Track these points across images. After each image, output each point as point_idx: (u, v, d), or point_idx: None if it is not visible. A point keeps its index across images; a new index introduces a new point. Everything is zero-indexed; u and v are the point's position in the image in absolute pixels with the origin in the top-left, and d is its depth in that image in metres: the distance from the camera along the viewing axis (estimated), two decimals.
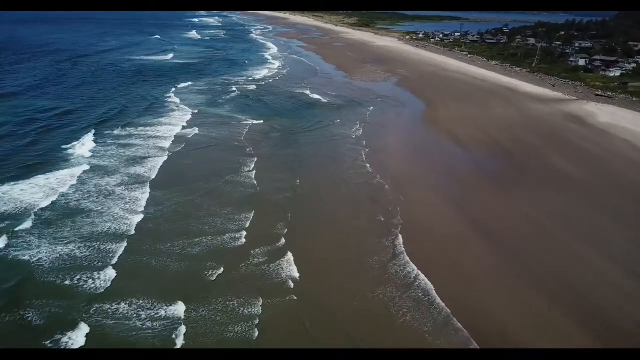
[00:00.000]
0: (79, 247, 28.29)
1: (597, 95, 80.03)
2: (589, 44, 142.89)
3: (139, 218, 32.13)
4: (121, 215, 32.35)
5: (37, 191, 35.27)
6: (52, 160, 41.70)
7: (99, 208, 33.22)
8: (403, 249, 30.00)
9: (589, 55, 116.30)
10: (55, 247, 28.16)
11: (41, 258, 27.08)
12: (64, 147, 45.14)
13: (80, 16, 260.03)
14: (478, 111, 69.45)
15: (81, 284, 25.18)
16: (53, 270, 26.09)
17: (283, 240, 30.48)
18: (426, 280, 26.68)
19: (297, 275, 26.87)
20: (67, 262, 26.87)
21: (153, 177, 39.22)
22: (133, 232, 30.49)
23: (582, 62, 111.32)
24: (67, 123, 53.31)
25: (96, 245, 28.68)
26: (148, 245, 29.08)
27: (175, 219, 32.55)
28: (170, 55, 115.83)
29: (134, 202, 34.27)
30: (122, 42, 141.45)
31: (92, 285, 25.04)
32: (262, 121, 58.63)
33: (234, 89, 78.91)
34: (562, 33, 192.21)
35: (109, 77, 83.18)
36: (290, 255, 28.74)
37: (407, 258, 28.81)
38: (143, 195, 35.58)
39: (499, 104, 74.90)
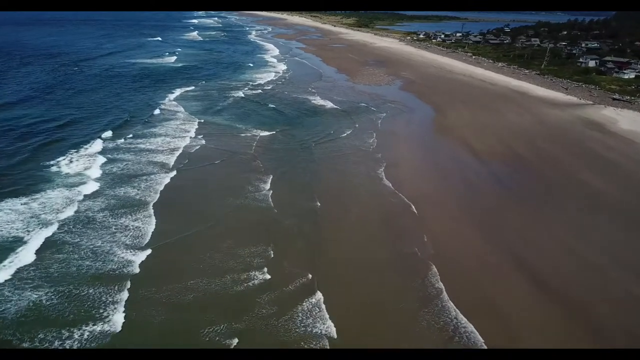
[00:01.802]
0: (60, 297, 23.93)
1: (614, 99, 76.38)
2: (596, 45, 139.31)
3: (141, 257, 27.63)
4: (118, 252, 27.93)
5: (13, 219, 30.98)
6: (36, 181, 37.34)
7: (89, 243, 28.83)
8: (442, 287, 26.21)
9: (599, 57, 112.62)
10: (27, 295, 23.90)
11: (8, 310, 22.76)
12: (50, 164, 40.88)
13: (78, 17, 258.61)
14: (491, 118, 65.73)
15: (69, 343, 20.91)
16: (27, 325, 21.89)
17: (311, 282, 26.18)
18: (475, 331, 22.88)
19: (332, 331, 22.60)
20: (44, 316, 22.53)
21: (154, 201, 34.82)
22: (136, 271, 26.31)
23: (592, 64, 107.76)
24: (61, 137, 48.73)
25: (86, 294, 24.27)
26: (154, 293, 24.67)
27: (184, 257, 28.12)
28: (173, 59, 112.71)
29: (133, 235, 29.88)
30: (123, 44, 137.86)
31: (85, 345, 20.89)
32: (270, 132, 54.54)
33: (240, 94, 75.40)
34: (565, 33, 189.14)
35: (110, 83, 79.10)
36: (321, 301, 24.58)
37: (451, 304, 24.86)
38: (144, 225, 31.10)
39: (512, 109, 71.22)
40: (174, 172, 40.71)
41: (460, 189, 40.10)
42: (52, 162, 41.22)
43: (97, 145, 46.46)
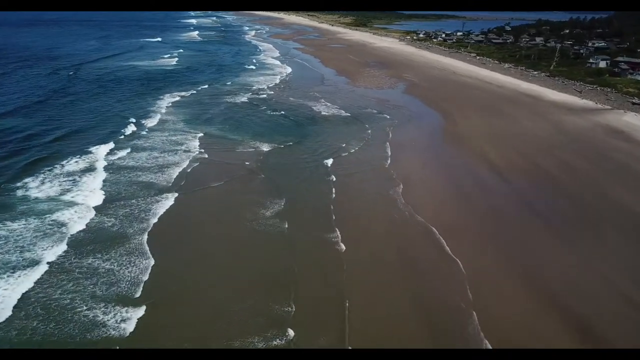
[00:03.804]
0: None
1: (633, 103, 71.82)
2: (603, 44, 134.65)
3: (133, 316, 22.59)
4: (104, 314, 22.72)
5: None
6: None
7: (57, 299, 23.57)
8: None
9: (609, 57, 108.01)
10: None
11: None
12: (18, 185, 36.00)
13: (78, 17, 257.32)
14: (505, 125, 61.19)
15: None
16: None
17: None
18: None
19: None
20: None
21: (146, 237, 29.53)
22: (127, 335, 21.51)
23: (602, 64, 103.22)
24: (46, 154, 43.43)
25: None
26: None
27: (184, 317, 22.95)
28: (174, 61, 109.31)
29: (123, 282, 24.84)
30: (122, 46, 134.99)
31: None
32: (276, 145, 49.50)
33: (241, 100, 71.23)
34: (567, 31, 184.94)
35: (108, 89, 74.93)
36: None
37: None
38: (132, 272, 25.84)
39: (525, 115, 66.71)
40: (171, 198, 35.52)
41: (487, 215, 35.34)
42: (16, 184, 36.24)
43: (80, 163, 41.57)
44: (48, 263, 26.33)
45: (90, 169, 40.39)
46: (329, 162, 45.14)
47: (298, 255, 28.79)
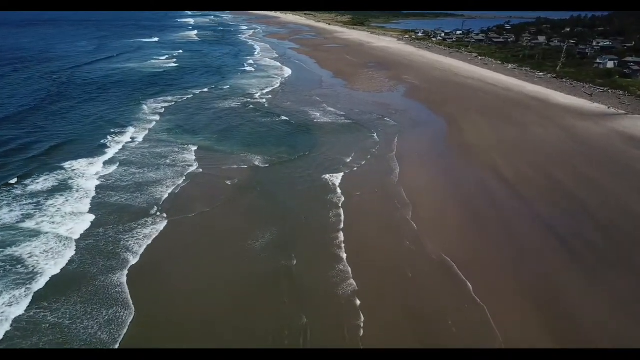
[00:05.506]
0: None
1: None
2: (609, 43, 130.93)
3: None
4: None
5: None
6: None
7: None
8: None
9: (617, 57, 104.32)
10: None
11: None
12: None
13: (77, 17, 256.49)
14: (515, 133, 57.30)
15: None
16: None
17: None
18: None
19: None
20: None
21: (126, 276, 25.47)
22: None
23: (610, 64, 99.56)
24: (14, 169, 39.58)
25: None
26: None
27: None
28: (171, 63, 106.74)
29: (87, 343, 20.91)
30: (119, 47, 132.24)
31: None
32: (276, 159, 45.30)
33: (237, 105, 67.57)
34: (568, 30, 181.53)
35: (100, 94, 71.16)
36: None
37: None
38: (102, 327, 21.74)
39: (535, 121, 62.86)
40: (156, 228, 31.07)
41: (507, 243, 31.35)
42: None
43: (50, 181, 37.40)
44: None
45: (63, 188, 36.19)
46: (336, 180, 40.78)
47: (307, 303, 24.51)
